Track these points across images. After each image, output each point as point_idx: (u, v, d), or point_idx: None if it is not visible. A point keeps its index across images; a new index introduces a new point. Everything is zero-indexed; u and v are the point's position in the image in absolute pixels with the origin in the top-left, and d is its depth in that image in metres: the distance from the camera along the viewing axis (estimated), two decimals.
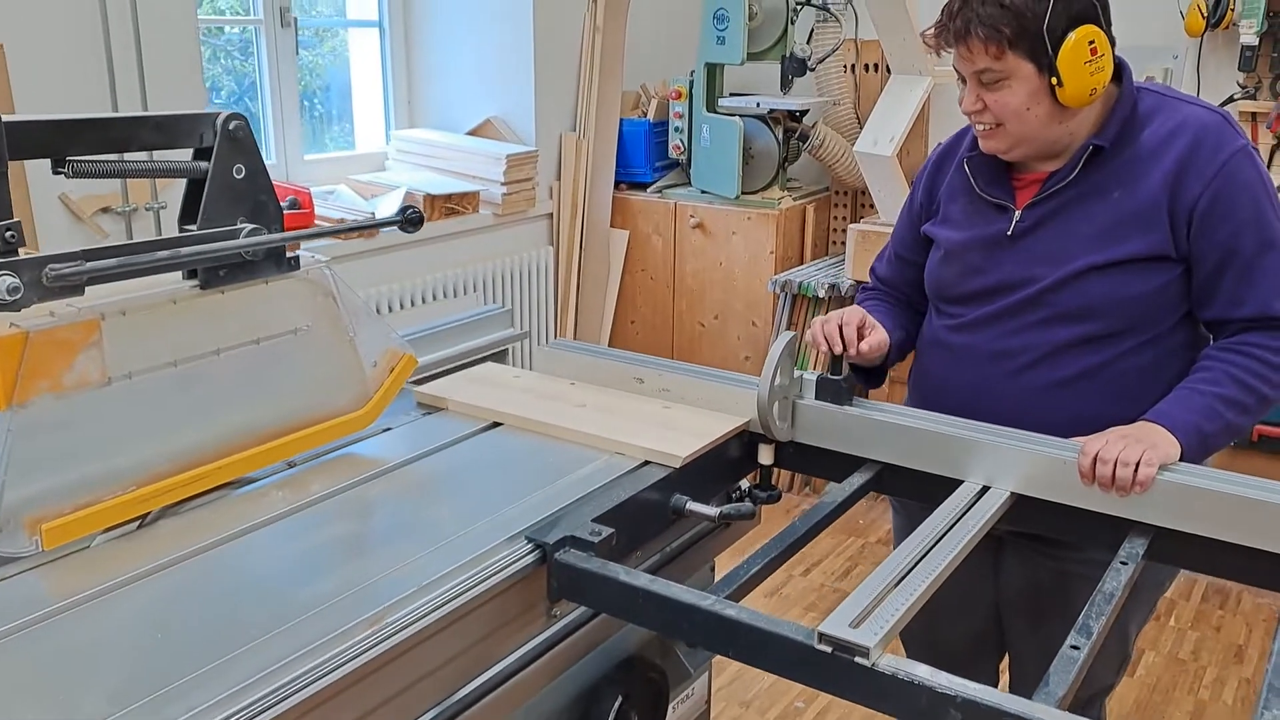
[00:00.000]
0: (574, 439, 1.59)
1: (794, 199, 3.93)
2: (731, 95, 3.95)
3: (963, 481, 1.53)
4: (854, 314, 1.72)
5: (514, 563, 1.26)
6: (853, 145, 3.80)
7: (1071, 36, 1.54)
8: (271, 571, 1.24)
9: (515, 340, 2.19)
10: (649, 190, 4.08)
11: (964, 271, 1.73)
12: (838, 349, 1.68)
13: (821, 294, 3.59)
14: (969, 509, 1.46)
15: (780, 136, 3.81)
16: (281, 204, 3.32)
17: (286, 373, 1.48)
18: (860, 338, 1.71)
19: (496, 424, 1.67)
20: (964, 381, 1.75)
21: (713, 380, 1.72)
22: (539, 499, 1.40)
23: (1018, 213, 1.67)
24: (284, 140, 3.59)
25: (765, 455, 1.67)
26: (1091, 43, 1.55)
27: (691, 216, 3.93)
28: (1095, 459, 1.43)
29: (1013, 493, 1.49)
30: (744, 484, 1.71)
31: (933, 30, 1.63)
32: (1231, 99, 3.65)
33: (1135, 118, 1.63)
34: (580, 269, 4.02)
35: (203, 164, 1.33)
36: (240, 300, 1.41)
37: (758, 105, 3.81)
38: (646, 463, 1.51)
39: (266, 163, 3.52)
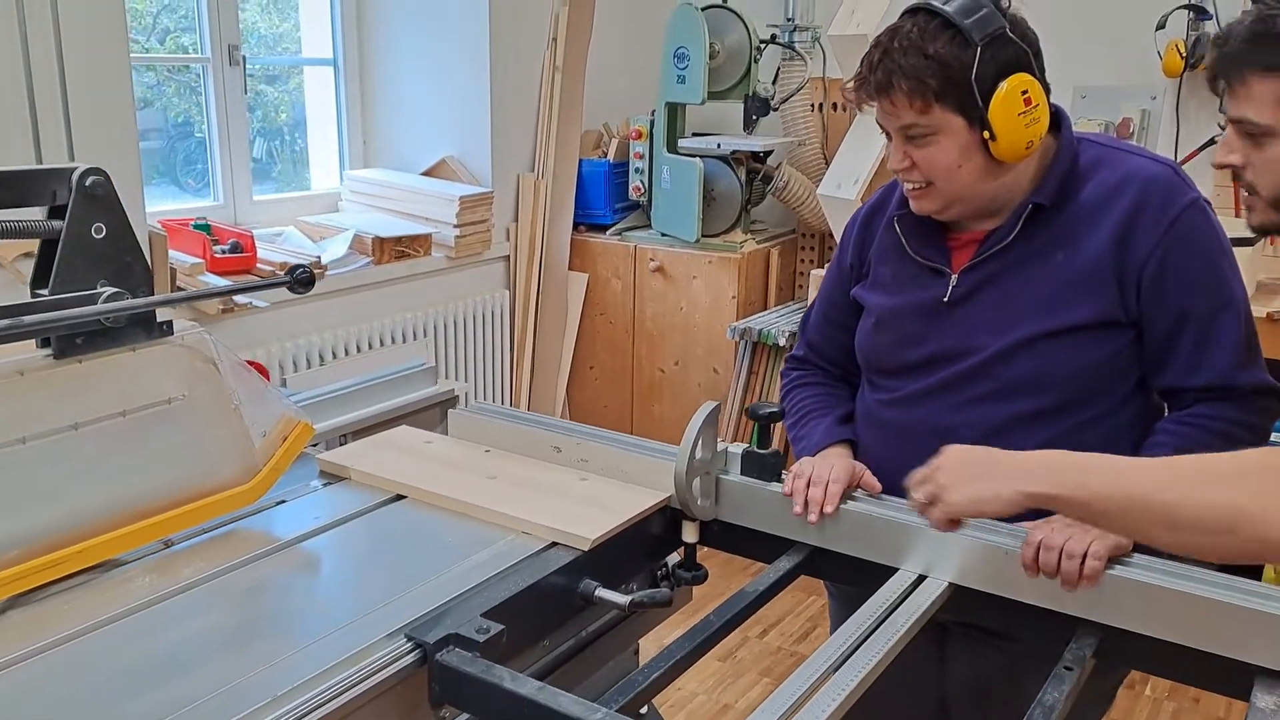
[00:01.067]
0: (480, 516, 1.48)
1: (757, 242, 3.82)
2: (693, 135, 3.86)
3: (898, 569, 1.42)
4: (843, 469, 1.51)
5: (392, 663, 1.14)
6: (819, 186, 3.71)
7: (1002, 86, 1.43)
8: (126, 670, 1.12)
9: (441, 399, 2.09)
10: (608, 232, 3.98)
11: (898, 341, 1.62)
12: (825, 512, 1.47)
13: (783, 341, 3.47)
14: (903, 598, 1.35)
15: (743, 178, 3.71)
16: (224, 246, 3.21)
17: (159, 446, 1.37)
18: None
19: (400, 496, 1.56)
20: (901, 462, 1.59)
21: (634, 451, 1.61)
22: (432, 587, 1.29)
23: (954, 277, 1.56)
24: (231, 180, 3.48)
25: (689, 533, 1.55)
26: (1025, 92, 1.44)
27: (651, 260, 3.82)
28: (1039, 547, 1.31)
29: (951, 583, 1.38)
30: (671, 558, 1.59)
31: (852, 83, 1.52)
32: (1212, 141, 3.56)
33: (1076, 171, 1.52)
34: (538, 313, 3.91)
35: (56, 223, 1.22)
36: (102, 370, 1.29)
37: (719, 146, 3.71)
38: (554, 544, 1.40)
39: (211, 203, 3.39)
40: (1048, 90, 1.49)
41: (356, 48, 3.85)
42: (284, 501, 1.55)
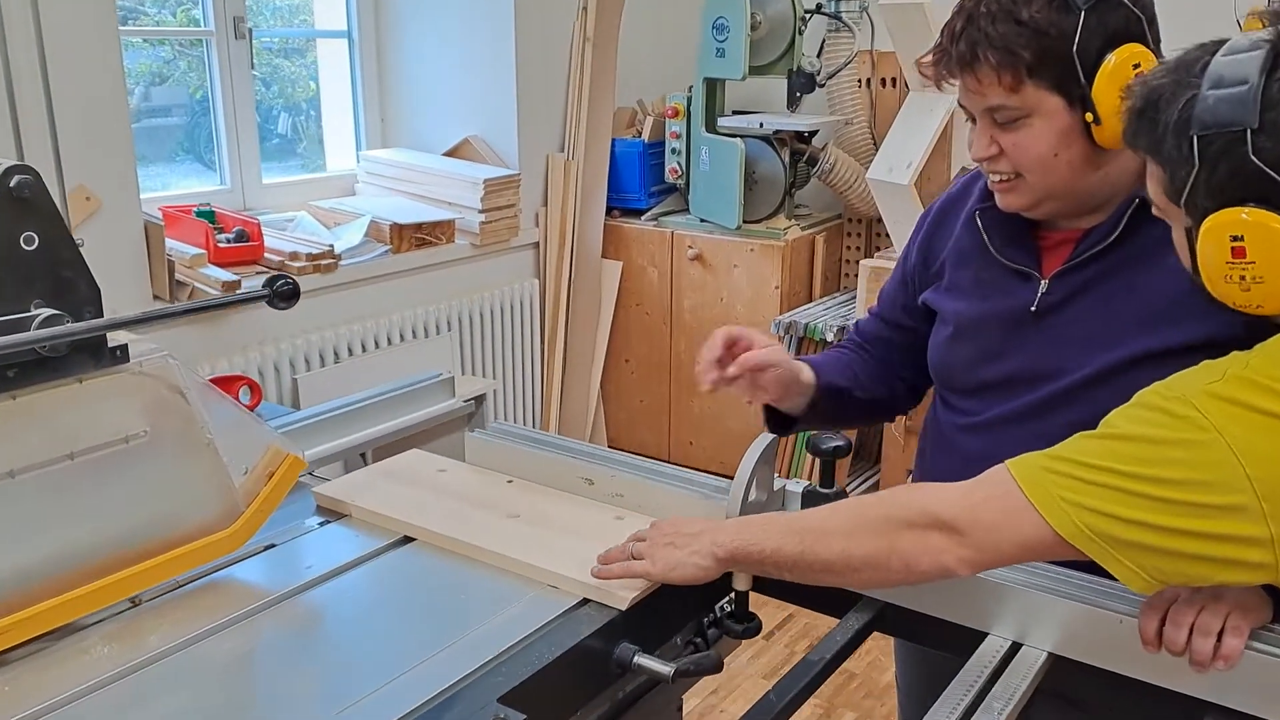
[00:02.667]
0: (500, 565, 1.27)
1: (801, 229, 3.57)
2: (734, 114, 3.61)
3: (987, 634, 1.19)
4: (724, 333, 1.39)
5: None
6: (867, 169, 3.45)
7: (1110, 59, 1.20)
8: None
9: (459, 414, 1.89)
10: (644, 218, 3.74)
11: (976, 356, 1.39)
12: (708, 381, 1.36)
13: (830, 336, 3.23)
14: (998, 672, 1.13)
15: (786, 160, 3.46)
16: (228, 235, 3.01)
17: (118, 491, 1.17)
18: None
19: (408, 539, 1.35)
20: None
21: (676, 485, 1.40)
22: (442, 660, 1.09)
23: (1044, 282, 1.33)
24: (239, 162, 3.28)
25: (741, 580, 1.33)
26: (1137, 66, 1.20)
27: (690, 247, 3.58)
28: (1163, 620, 1.08)
29: (1051, 653, 1.16)
30: (721, 605, 1.38)
31: (930, 57, 1.29)
32: None
33: None
34: (569, 304, 3.69)
35: None
36: (41, 407, 1.08)
37: (761, 125, 3.46)
38: (586, 601, 1.19)
39: (218, 187, 3.13)
40: (1160, 55, 1.25)
41: (373, 18, 3.63)
42: (273, 545, 1.35)
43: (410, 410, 1.80)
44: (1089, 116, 1.21)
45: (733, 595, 1.35)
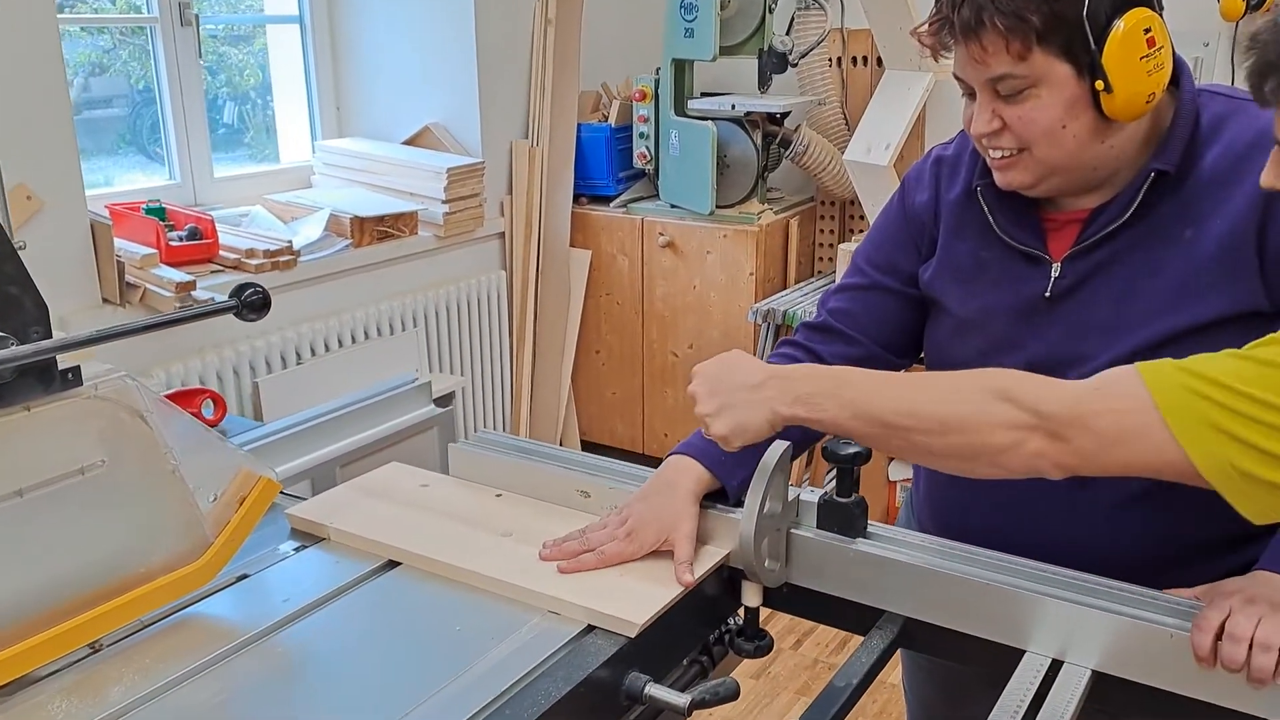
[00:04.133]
0: (495, 590, 1.17)
1: (775, 212, 3.48)
2: (703, 95, 3.50)
3: (1024, 651, 1.11)
4: (665, 526, 1.22)
5: None
6: (840, 149, 3.37)
7: (1120, 24, 1.13)
8: None
9: (435, 422, 1.78)
10: (612, 204, 3.63)
11: (986, 348, 1.31)
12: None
13: None
14: (1042, 695, 1.05)
15: (759, 142, 3.36)
16: (180, 233, 2.86)
17: (74, 527, 1.06)
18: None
19: (393, 563, 1.25)
20: (992, 502, 1.32)
21: None
22: (438, 703, 0.99)
23: (1056, 265, 1.26)
24: (189, 156, 3.13)
25: (751, 596, 1.25)
26: (1148, 31, 1.14)
27: (660, 234, 3.48)
28: (1218, 634, 1.01)
29: (1094, 671, 1.08)
30: (730, 622, 1.29)
31: (928, 25, 1.20)
32: None
33: (1199, 130, 1.21)
34: (538, 295, 3.57)
35: None
36: None
37: (733, 107, 3.36)
38: (591, 628, 1.10)
39: (168, 182, 2.95)
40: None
41: (325, 2, 3.48)
42: (245, 576, 1.24)
43: (384, 419, 1.69)
44: (1099, 85, 1.13)
45: (742, 611, 1.26)
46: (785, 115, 3.45)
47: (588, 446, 3.80)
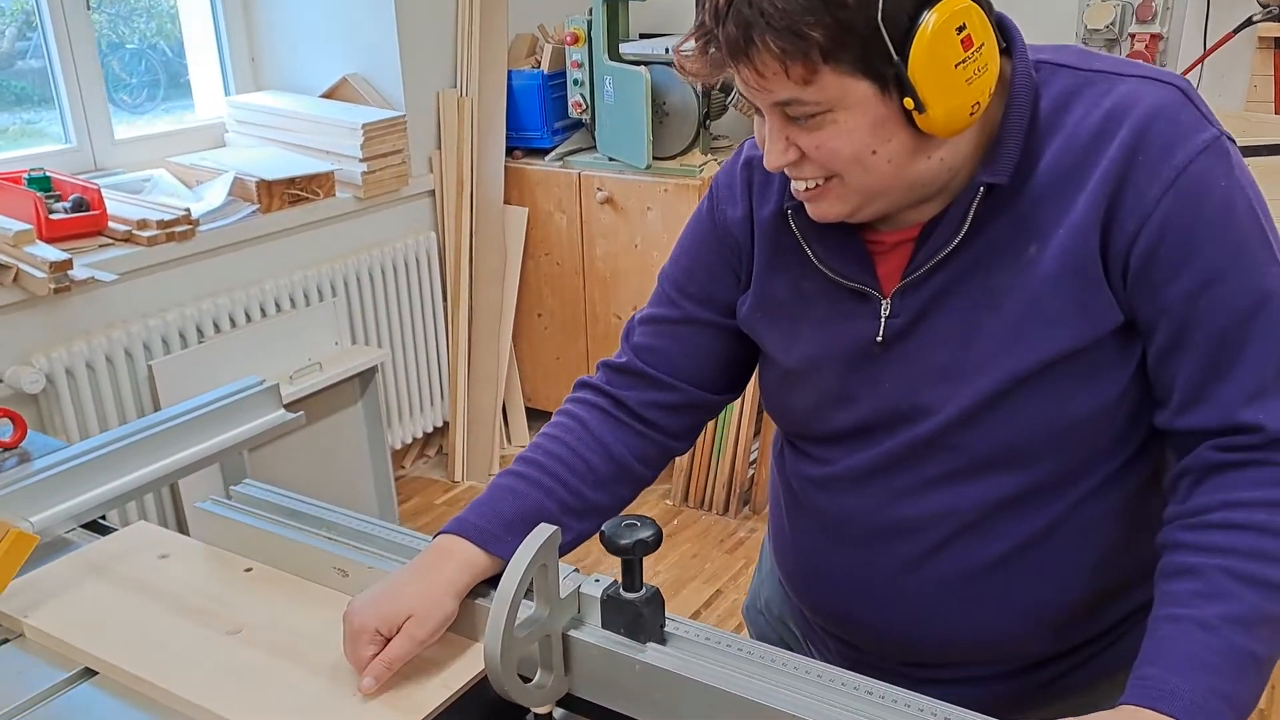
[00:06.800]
0: (193, 715, 0.98)
1: (719, 163, 3.20)
2: (640, 37, 3.21)
3: None
4: (381, 616, 1.00)
5: None
6: None
7: (926, 22, 0.88)
8: None
9: (288, 429, 1.59)
10: (548, 158, 3.37)
11: (819, 402, 1.11)
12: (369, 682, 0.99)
13: None
14: None
15: (699, 89, 3.08)
16: (66, 204, 2.65)
17: None
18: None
19: (92, 672, 1.06)
20: (841, 568, 1.13)
21: None
22: None
23: (885, 303, 1.04)
24: (84, 116, 2.90)
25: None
26: (962, 29, 0.89)
27: (599, 189, 3.23)
28: None
29: None
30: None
31: (693, 41, 0.95)
32: (1250, 21, 2.90)
33: (1038, 118, 0.98)
34: (472, 256, 3.34)
35: None
36: None
37: (668, 50, 3.07)
38: None
39: (63, 147, 2.72)
40: (987, 8, 0.93)
41: None
42: None
43: (225, 428, 1.50)
44: (908, 103, 0.90)
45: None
46: None
47: (533, 414, 3.60)
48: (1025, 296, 0.98)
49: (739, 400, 3.16)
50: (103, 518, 1.35)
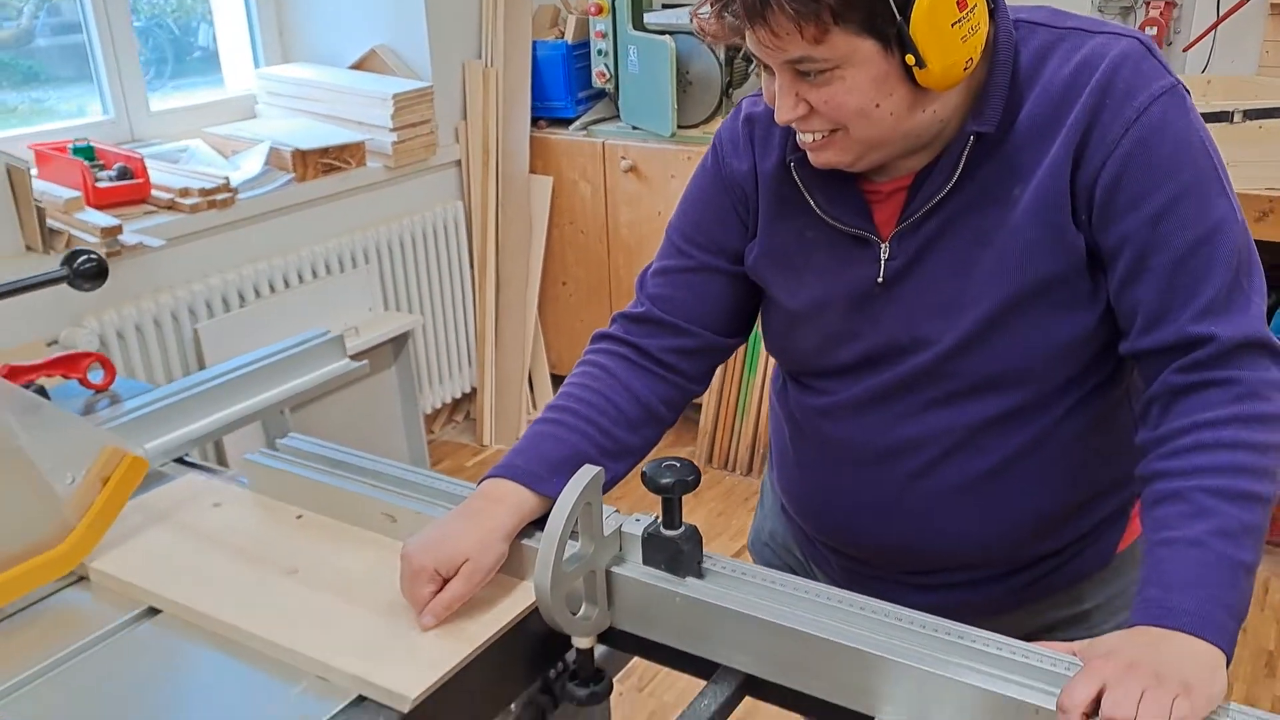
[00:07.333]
0: (259, 647, 1.03)
1: None
2: (663, 7, 3.27)
3: (872, 718, 0.98)
4: (439, 557, 1.05)
5: None
6: None
7: None
8: None
9: (355, 378, 1.68)
10: (572, 128, 3.43)
11: (824, 340, 1.21)
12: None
13: None
14: None
15: (721, 57, 3.14)
16: (110, 173, 2.73)
17: None
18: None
19: (155, 610, 1.11)
20: (846, 488, 1.24)
21: None
22: None
23: (884, 246, 1.14)
24: (120, 87, 2.97)
25: (582, 638, 1.11)
26: None
27: (623, 158, 3.29)
28: (1093, 711, 0.87)
29: None
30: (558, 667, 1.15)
31: (708, 8, 1.04)
32: None
33: (1019, 72, 1.09)
34: (498, 225, 3.41)
35: None
36: None
37: (691, 19, 3.12)
38: (363, 698, 0.97)
39: (101, 119, 2.83)
40: None
41: None
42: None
43: (294, 376, 1.60)
44: (909, 60, 1.00)
45: (574, 653, 1.13)
46: None
47: (559, 380, 3.68)
48: (1011, 233, 1.08)
49: (761, 365, 3.23)
50: (185, 456, 1.42)
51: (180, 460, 1.41)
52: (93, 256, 1.23)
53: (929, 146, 1.10)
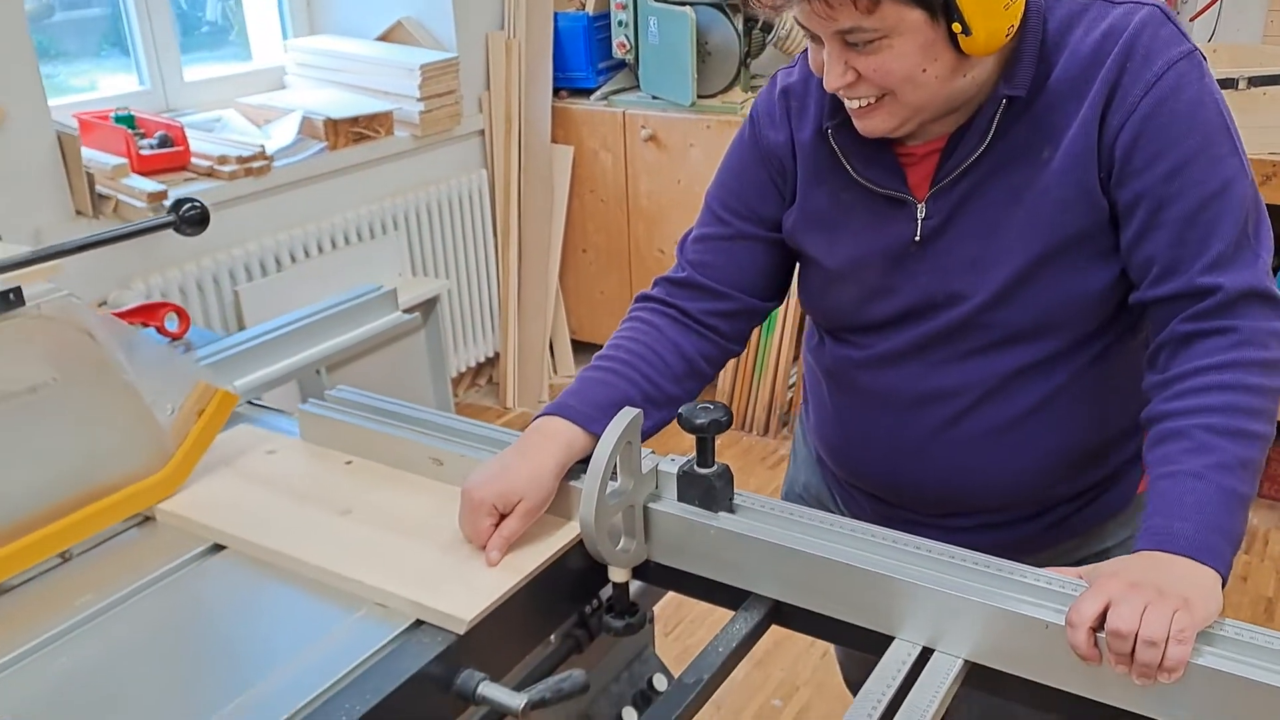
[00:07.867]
0: (321, 579, 1.11)
1: None
2: None
3: (894, 638, 1.08)
4: (496, 490, 1.13)
5: None
6: None
7: None
8: None
9: (407, 331, 1.80)
10: (593, 98, 3.51)
11: (862, 297, 1.28)
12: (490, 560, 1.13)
13: None
14: (908, 683, 1.02)
15: (740, 27, 3.22)
16: (151, 141, 2.81)
17: (33, 444, 1.11)
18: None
19: (220, 546, 1.19)
20: (884, 434, 1.33)
21: None
22: (231, 714, 0.93)
23: (920, 206, 1.22)
24: (156, 58, 3.05)
25: (617, 571, 1.20)
26: None
27: (643, 127, 3.37)
28: (1095, 628, 0.96)
29: (968, 661, 1.04)
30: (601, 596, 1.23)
31: None
32: None
33: (1046, 43, 1.17)
34: (520, 193, 3.50)
35: None
36: None
37: None
38: (421, 623, 1.05)
39: (138, 89, 2.94)
40: None
41: None
42: (68, 558, 1.16)
43: (349, 328, 1.72)
44: (956, 27, 1.07)
45: (611, 587, 1.21)
46: None
47: (579, 346, 3.78)
48: (1040, 191, 1.16)
49: (778, 328, 3.33)
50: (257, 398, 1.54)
51: (250, 402, 1.51)
52: (196, 204, 1.30)
53: (961, 110, 1.17)
